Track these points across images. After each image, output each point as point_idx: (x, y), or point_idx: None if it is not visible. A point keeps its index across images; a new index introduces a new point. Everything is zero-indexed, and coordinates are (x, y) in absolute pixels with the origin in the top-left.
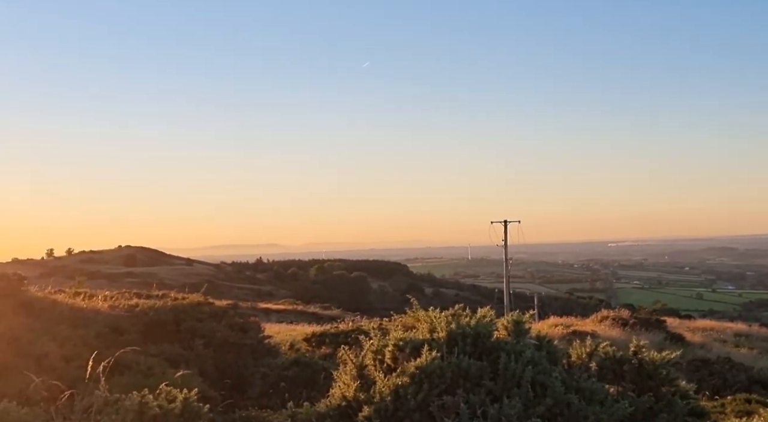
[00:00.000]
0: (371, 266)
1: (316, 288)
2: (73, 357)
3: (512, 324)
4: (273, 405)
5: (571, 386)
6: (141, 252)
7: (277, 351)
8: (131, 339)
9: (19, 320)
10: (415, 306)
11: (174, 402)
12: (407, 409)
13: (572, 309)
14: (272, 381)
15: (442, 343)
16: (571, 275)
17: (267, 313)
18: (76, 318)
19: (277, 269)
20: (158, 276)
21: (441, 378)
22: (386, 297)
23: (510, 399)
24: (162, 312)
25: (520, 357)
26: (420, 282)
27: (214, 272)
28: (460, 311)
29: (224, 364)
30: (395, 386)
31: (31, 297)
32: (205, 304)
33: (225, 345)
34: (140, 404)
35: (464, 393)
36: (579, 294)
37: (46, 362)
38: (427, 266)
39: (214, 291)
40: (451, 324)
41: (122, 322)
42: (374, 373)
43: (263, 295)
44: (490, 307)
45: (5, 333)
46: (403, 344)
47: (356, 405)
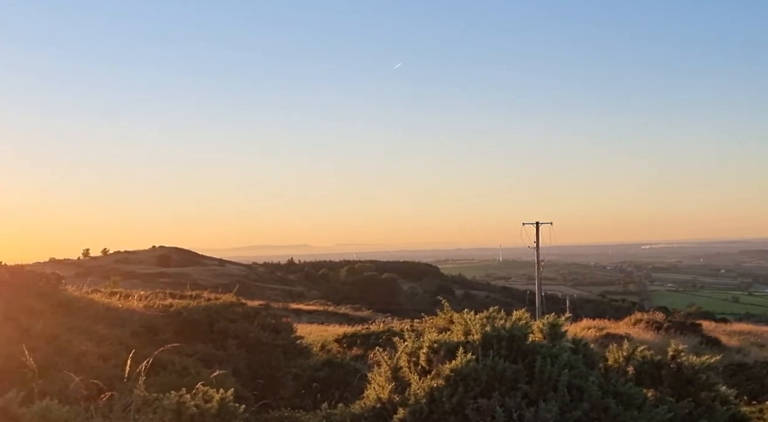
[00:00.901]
0: (402, 267)
1: (346, 289)
2: (110, 356)
3: (548, 327)
4: (305, 405)
5: (609, 390)
6: (174, 253)
7: (308, 352)
8: (166, 338)
9: (57, 319)
10: (446, 307)
11: (210, 402)
12: (442, 412)
13: (605, 311)
14: (304, 381)
15: (477, 346)
16: (603, 277)
17: (298, 314)
18: (112, 317)
19: (308, 270)
20: (191, 276)
21: (476, 381)
22: (417, 298)
23: (546, 403)
24: (195, 312)
25: (557, 361)
26: (450, 283)
27: (245, 273)
28: (495, 313)
29: (257, 364)
30: (430, 388)
31: (68, 297)
32: (237, 305)
33: (257, 345)
34: (178, 403)
35: (500, 396)
36: (612, 297)
37: (84, 361)
38: (458, 267)
39: (246, 291)
40: (486, 326)
41: (157, 322)
42: (409, 375)
43: (294, 296)
44: (525, 310)
45: (44, 332)
46: (437, 346)
47: (391, 407)
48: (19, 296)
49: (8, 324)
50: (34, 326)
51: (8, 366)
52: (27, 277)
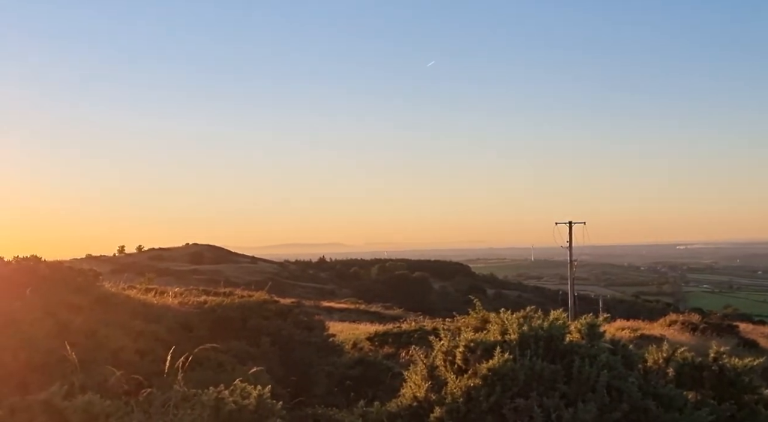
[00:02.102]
0: (433, 266)
1: (377, 287)
2: (146, 351)
3: (586, 328)
4: (338, 403)
5: (648, 392)
6: (208, 250)
7: (341, 350)
8: (200, 335)
9: (95, 314)
10: (478, 307)
11: (248, 398)
12: (480, 411)
13: (639, 312)
14: (337, 379)
15: (514, 345)
16: (637, 278)
17: (330, 312)
18: (148, 313)
19: (340, 268)
20: (224, 273)
21: (514, 381)
22: (448, 297)
23: (585, 404)
24: (229, 309)
25: (595, 361)
26: (482, 283)
27: (278, 270)
28: (532, 313)
29: (290, 362)
30: (467, 387)
31: (105, 293)
32: (270, 302)
33: (290, 343)
34: (217, 400)
35: (538, 396)
36: (645, 298)
37: (121, 356)
38: (490, 267)
39: (278, 289)
40: (523, 326)
41: (191, 319)
42: (445, 374)
43: (326, 294)
44: (562, 310)
45: (83, 328)
46: (474, 345)
47: (428, 406)
48: (58, 292)
49: (48, 319)
50: (73, 321)
51: (49, 360)
52: (66, 273)
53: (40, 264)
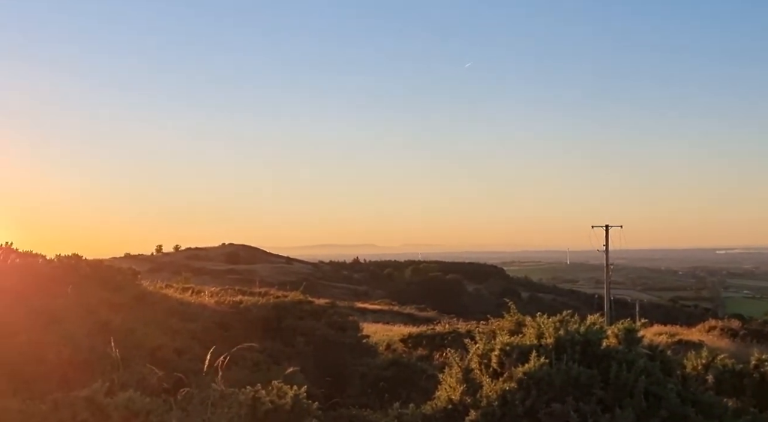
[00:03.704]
0: (467, 268)
1: (411, 289)
2: (184, 350)
3: (623, 332)
4: (372, 404)
5: (688, 398)
6: (243, 250)
7: (375, 351)
8: (236, 334)
9: (134, 313)
10: (512, 310)
11: (284, 398)
12: (515, 415)
13: (676, 317)
14: (371, 380)
15: (550, 349)
16: (674, 282)
17: (363, 313)
18: (185, 312)
19: (373, 269)
20: (259, 273)
21: (549, 385)
22: (481, 300)
23: (622, 410)
24: (264, 309)
25: (633, 367)
26: (516, 285)
27: (312, 271)
28: (569, 317)
29: (324, 362)
30: (502, 391)
31: (144, 291)
32: (305, 302)
33: (325, 343)
34: (253, 399)
35: (574, 401)
36: (683, 303)
37: (159, 354)
38: (524, 270)
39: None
40: (559, 330)
41: (227, 318)
42: (480, 377)
43: (360, 295)
44: (599, 314)
45: (123, 326)
46: (510, 349)
47: (462, 409)
48: (98, 290)
49: (90, 317)
50: (113, 319)
51: (90, 357)
52: (105, 272)
53: (81, 263)
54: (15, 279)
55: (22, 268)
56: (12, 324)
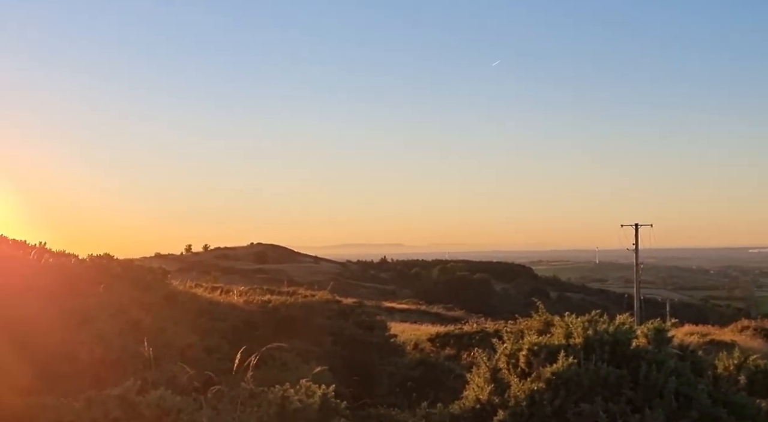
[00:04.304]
0: (495, 268)
1: (438, 288)
2: (213, 349)
3: (653, 332)
4: (400, 404)
5: (719, 399)
6: (271, 250)
7: (402, 351)
8: (265, 334)
9: (164, 312)
10: (541, 309)
11: (313, 397)
12: (543, 415)
13: (708, 317)
14: (399, 380)
15: (579, 349)
16: (706, 281)
17: (391, 312)
18: (214, 311)
19: (401, 269)
20: (287, 273)
21: (578, 385)
22: (509, 299)
23: (652, 410)
24: (293, 308)
25: (663, 367)
26: (544, 285)
27: (339, 270)
28: (597, 317)
29: (352, 362)
30: (530, 391)
31: (174, 291)
32: (333, 302)
33: (353, 342)
34: (282, 398)
35: (603, 401)
36: (715, 302)
37: (189, 353)
38: (553, 269)
39: (340, 289)
40: (588, 330)
41: (256, 317)
42: (508, 377)
43: (387, 294)
44: (628, 314)
45: (154, 325)
46: (537, 349)
47: (490, 409)
48: (129, 289)
49: (121, 316)
50: (143, 319)
51: (122, 356)
52: (136, 271)
53: (113, 263)
54: (49, 278)
55: (56, 268)
56: (46, 324)
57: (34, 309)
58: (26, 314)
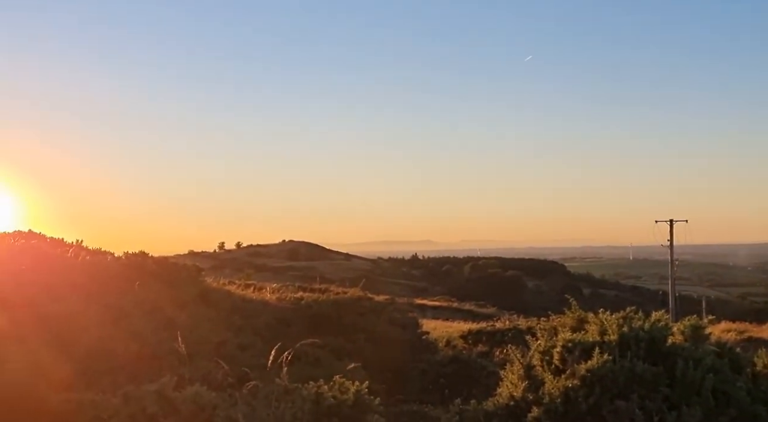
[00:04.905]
0: (527, 264)
1: (470, 285)
2: (247, 345)
3: (690, 329)
4: (432, 400)
5: (758, 397)
6: (303, 247)
7: (435, 348)
8: (297, 330)
9: (198, 309)
10: (574, 306)
11: (347, 393)
12: (578, 412)
13: (745, 314)
14: (431, 377)
15: (614, 346)
16: (744, 278)
17: (422, 309)
18: (247, 308)
19: (432, 266)
20: (319, 270)
21: (613, 383)
22: (542, 296)
23: (689, 408)
24: (325, 305)
25: (700, 364)
26: (578, 282)
27: (371, 267)
28: (633, 314)
29: (384, 358)
30: (565, 388)
31: (207, 288)
32: (365, 299)
33: (385, 339)
34: (317, 394)
35: (639, 398)
36: (753, 299)
37: (223, 350)
38: (586, 265)
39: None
40: (623, 326)
41: (288, 314)
42: (542, 374)
43: (419, 291)
44: (664, 311)
45: (188, 322)
46: (572, 346)
47: (525, 406)
48: (164, 287)
49: (156, 313)
50: (178, 315)
51: (158, 352)
52: (171, 269)
53: (148, 260)
54: (86, 276)
55: (92, 265)
56: (83, 320)
57: (72, 306)
58: (65, 311)
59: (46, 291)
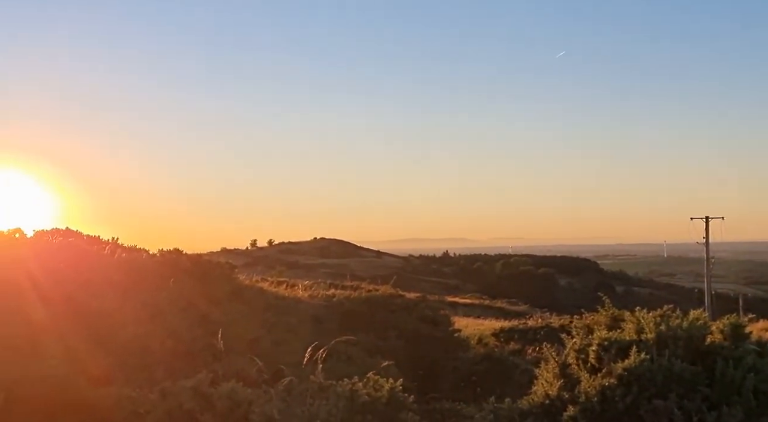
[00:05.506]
0: (559, 262)
1: (502, 283)
2: (280, 342)
3: (729, 328)
4: (464, 398)
5: None
6: (334, 245)
7: (467, 345)
8: (330, 327)
9: (232, 306)
10: (608, 304)
11: (381, 391)
12: (615, 411)
13: None
14: (463, 374)
15: (651, 345)
16: None
17: (454, 307)
18: (280, 305)
19: (463, 263)
20: (350, 267)
21: (651, 382)
22: (574, 294)
23: (730, 408)
24: (357, 302)
25: (740, 364)
26: (610, 279)
27: (402, 265)
28: (670, 312)
29: (416, 356)
30: (601, 387)
31: (241, 285)
32: (396, 296)
33: (416, 337)
34: (351, 391)
35: (677, 398)
36: None
37: (257, 346)
38: (619, 263)
39: (403, 283)
40: (660, 325)
41: (321, 311)
42: (578, 372)
43: (450, 289)
44: (702, 310)
45: (222, 318)
46: (608, 344)
47: (560, 404)
48: (198, 284)
49: (191, 310)
50: (212, 312)
51: (193, 348)
52: (205, 266)
53: (182, 258)
54: (122, 273)
55: (128, 263)
56: (120, 317)
57: (109, 302)
58: (102, 307)
59: (83, 288)
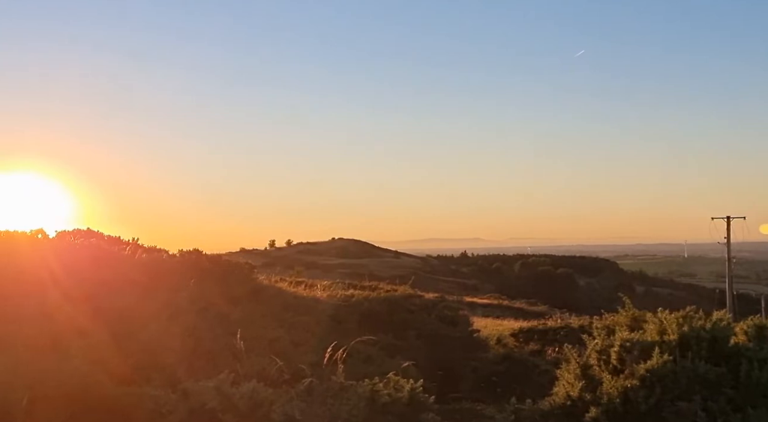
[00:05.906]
0: (578, 262)
1: (520, 283)
2: (299, 342)
3: (753, 329)
4: (484, 398)
5: None
6: (352, 245)
7: (486, 346)
8: (349, 327)
9: (251, 306)
10: (628, 305)
11: (401, 391)
12: (638, 413)
13: None
14: (483, 375)
15: (674, 346)
16: None
17: (473, 307)
18: (299, 305)
19: (482, 263)
20: (368, 267)
21: (675, 383)
22: (594, 294)
23: (755, 410)
24: (375, 302)
25: (766, 365)
26: (630, 279)
27: (420, 265)
28: (693, 313)
29: (435, 356)
30: (624, 388)
31: (260, 285)
32: (415, 296)
33: (435, 337)
34: (372, 391)
35: (701, 399)
36: None
37: (276, 346)
38: (639, 263)
39: (421, 283)
40: (683, 326)
41: (340, 311)
42: (600, 373)
43: (468, 289)
44: (725, 310)
45: (243, 319)
46: (630, 345)
47: (582, 405)
48: (218, 284)
49: (211, 309)
50: (232, 312)
51: (213, 348)
52: (224, 266)
53: (201, 258)
54: (142, 273)
55: (148, 263)
56: (141, 316)
57: (129, 302)
58: (123, 307)
59: (104, 288)
